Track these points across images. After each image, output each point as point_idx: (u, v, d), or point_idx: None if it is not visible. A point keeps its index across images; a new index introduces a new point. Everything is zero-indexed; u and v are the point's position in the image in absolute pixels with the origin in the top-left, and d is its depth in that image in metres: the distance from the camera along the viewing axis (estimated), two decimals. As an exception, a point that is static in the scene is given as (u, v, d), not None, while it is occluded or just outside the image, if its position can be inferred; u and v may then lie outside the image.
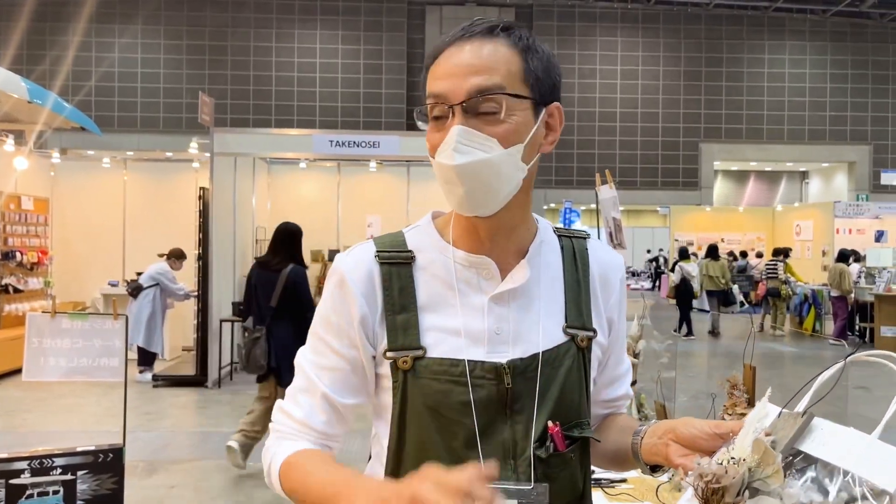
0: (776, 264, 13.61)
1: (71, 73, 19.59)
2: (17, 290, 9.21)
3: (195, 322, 8.74)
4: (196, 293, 8.84)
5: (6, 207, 9.22)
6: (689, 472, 0.90)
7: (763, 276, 14.21)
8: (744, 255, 18.72)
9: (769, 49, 22.37)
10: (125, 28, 20.47)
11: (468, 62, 1.01)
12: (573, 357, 1.09)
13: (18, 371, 8.24)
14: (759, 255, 18.59)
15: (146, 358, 8.70)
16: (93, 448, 2.78)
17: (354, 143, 8.66)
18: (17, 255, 9.23)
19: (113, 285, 9.95)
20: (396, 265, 1.09)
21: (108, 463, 2.75)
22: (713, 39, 22.31)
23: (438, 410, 1.03)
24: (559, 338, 1.09)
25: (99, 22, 20.16)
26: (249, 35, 20.86)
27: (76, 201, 10.51)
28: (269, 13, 20.94)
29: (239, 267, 9.43)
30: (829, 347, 11.62)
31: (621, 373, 1.23)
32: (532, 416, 1.04)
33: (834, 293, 12.46)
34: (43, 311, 3.07)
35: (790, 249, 15.24)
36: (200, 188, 8.67)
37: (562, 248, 1.16)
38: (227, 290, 8.99)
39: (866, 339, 12.37)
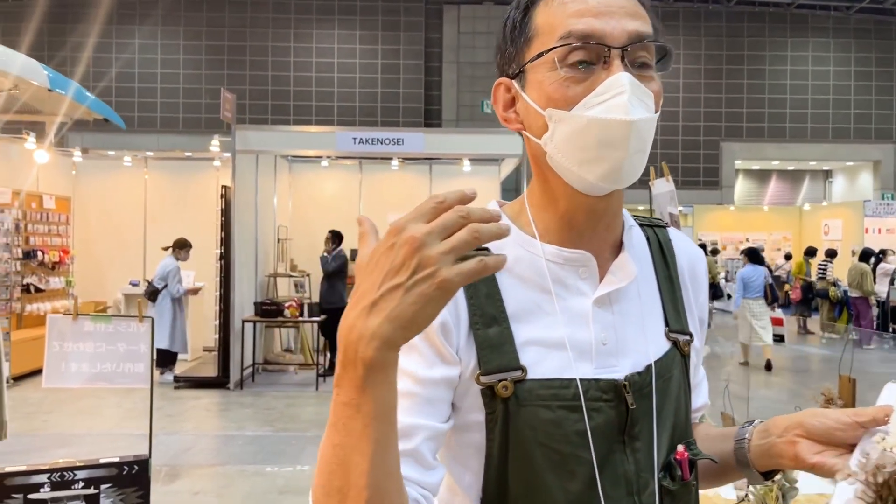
0: (826, 265, 13.27)
1: (91, 73, 19.59)
2: (38, 290, 9.15)
3: (217, 322, 8.61)
4: (198, 289, 9.13)
5: (28, 206, 9.15)
6: (854, 468, 0.77)
7: (786, 278, 13.98)
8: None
9: (791, 46, 21.97)
10: (144, 28, 20.47)
11: (621, 3, 0.83)
12: (679, 366, 0.92)
13: (39, 372, 8.19)
14: (788, 257, 18.09)
15: (165, 359, 8.58)
16: (117, 460, 2.57)
17: (378, 140, 8.48)
18: (39, 254, 9.16)
19: (134, 285, 9.88)
20: None
21: (134, 476, 2.53)
22: (734, 37, 21.96)
23: (550, 445, 0.83)
24: (664, 345, 0.91)
25: (118, 23, 20.18)
26: (268, 35, 20.80)
27: (97, 200, 10.48)
28: (287, 13, 20.87)
29: (261, 266, 9.29)
30: (863, 350, 11.27)
31: (700, 379, 1.06)
32: (651, 440, 0.86)
33: (854, 293, 12.01)
34: (65, 313, 2.90)
35: (814, 250, 14.93)
36: (222, 186, 8.55)
37: (647, 238, 0.97)
38: (249, 290, 8.84)
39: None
